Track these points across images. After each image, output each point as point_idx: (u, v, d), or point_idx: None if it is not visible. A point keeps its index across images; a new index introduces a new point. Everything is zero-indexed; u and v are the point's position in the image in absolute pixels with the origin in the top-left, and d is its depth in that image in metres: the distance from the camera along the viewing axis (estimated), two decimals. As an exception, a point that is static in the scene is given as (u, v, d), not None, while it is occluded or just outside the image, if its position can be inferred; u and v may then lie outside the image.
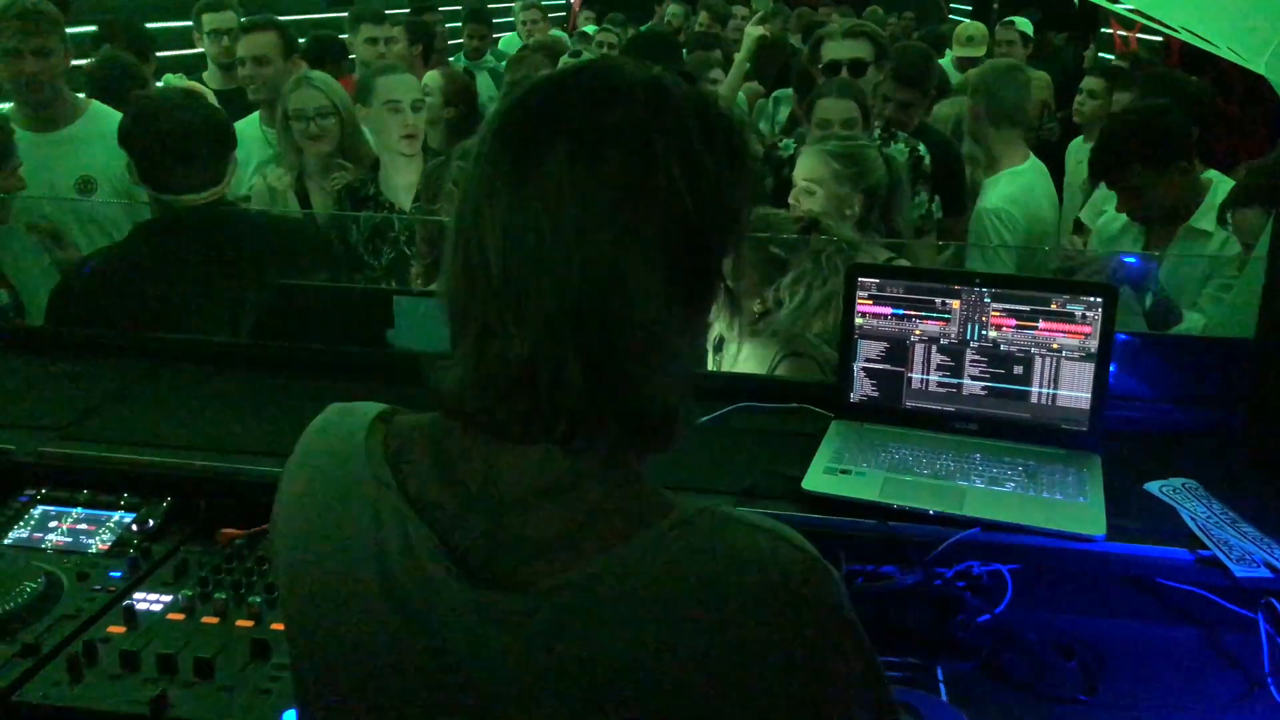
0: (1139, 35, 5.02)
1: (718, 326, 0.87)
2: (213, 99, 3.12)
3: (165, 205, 2.36)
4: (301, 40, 4.20)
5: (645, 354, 0.75)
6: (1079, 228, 3.77)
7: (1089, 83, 4.71)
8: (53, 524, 1.63)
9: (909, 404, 1.77)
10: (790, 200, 2.70)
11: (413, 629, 0.78)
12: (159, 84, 4.17)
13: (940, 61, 4.99)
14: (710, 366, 2.12)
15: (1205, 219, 2.79)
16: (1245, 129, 4.26)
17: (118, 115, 3.13)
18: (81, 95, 3.37)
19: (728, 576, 0.73)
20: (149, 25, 4.85)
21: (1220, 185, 2.83)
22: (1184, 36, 1.64)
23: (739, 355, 2.18)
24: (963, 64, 5.73)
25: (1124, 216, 2.96)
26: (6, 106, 3.25)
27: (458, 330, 0.79)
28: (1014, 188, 3.47)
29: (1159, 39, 5.53)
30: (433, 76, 4.14)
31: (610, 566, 0.74)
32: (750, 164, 0.83)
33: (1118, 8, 1.74)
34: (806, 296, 2.07)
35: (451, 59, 6.20)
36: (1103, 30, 6.86)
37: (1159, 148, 2.76)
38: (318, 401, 0.97)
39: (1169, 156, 2.76)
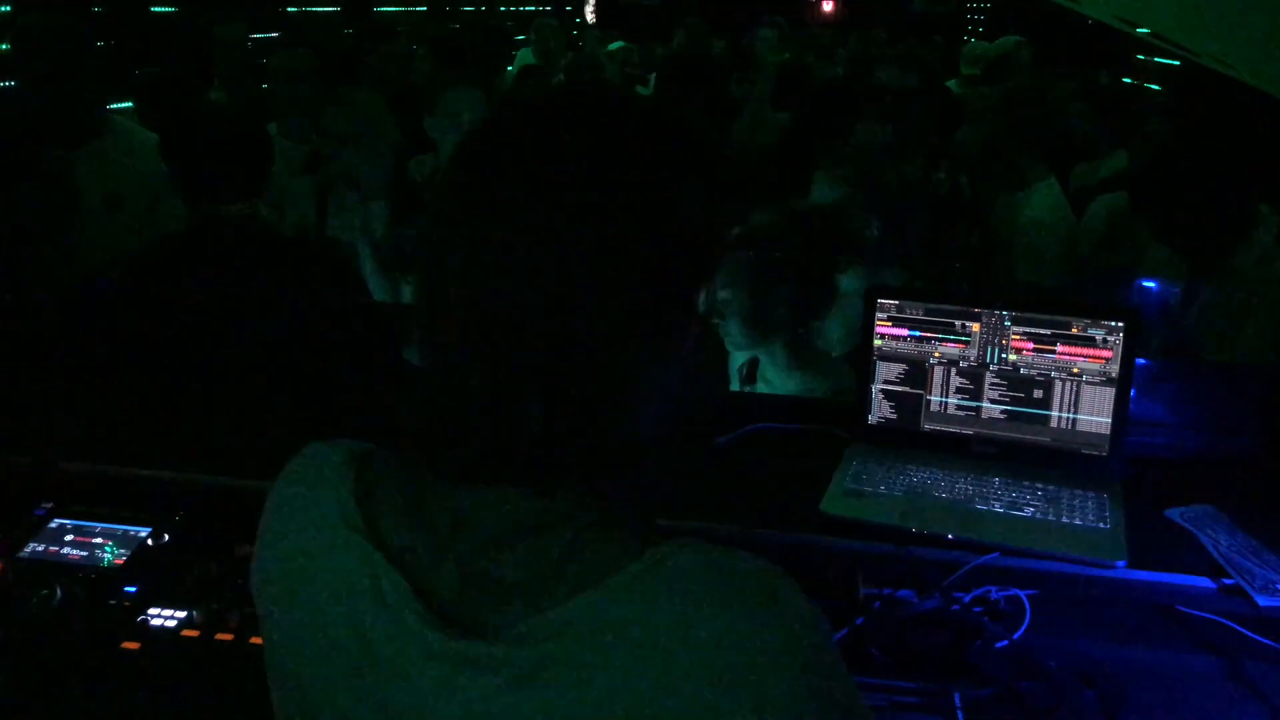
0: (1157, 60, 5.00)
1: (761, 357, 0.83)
2: None
3: (205, 214, 2.40)
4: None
5: (609, 388, 0.73)
6: None
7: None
8: (69, 538, 1.63)
9: (928, 427, 1.76)
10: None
11: (385, 677, 0.76)
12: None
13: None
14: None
15: (1249, 255, 2.74)
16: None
17: (143, 131, 3.15)
18: (108, 109, 3.40)
19: (701, 610, 0.70)
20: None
21: (1267, 219, 2.78)
22: (1206, 61, 1.63)
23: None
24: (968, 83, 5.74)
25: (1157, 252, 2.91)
26: None
27: (423, 361, 0.77)
28: (1051, 198, 3.52)
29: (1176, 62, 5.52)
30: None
31: (582, 611, 0.71)
32: (724, 191, 0.79)
33: (1138, 31, 1.73)
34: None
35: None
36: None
37: (1210, 180, 2.70)
38: (335, 417, 0.97)
39: (1217, 190, 2.71)
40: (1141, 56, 6.62)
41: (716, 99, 3.96)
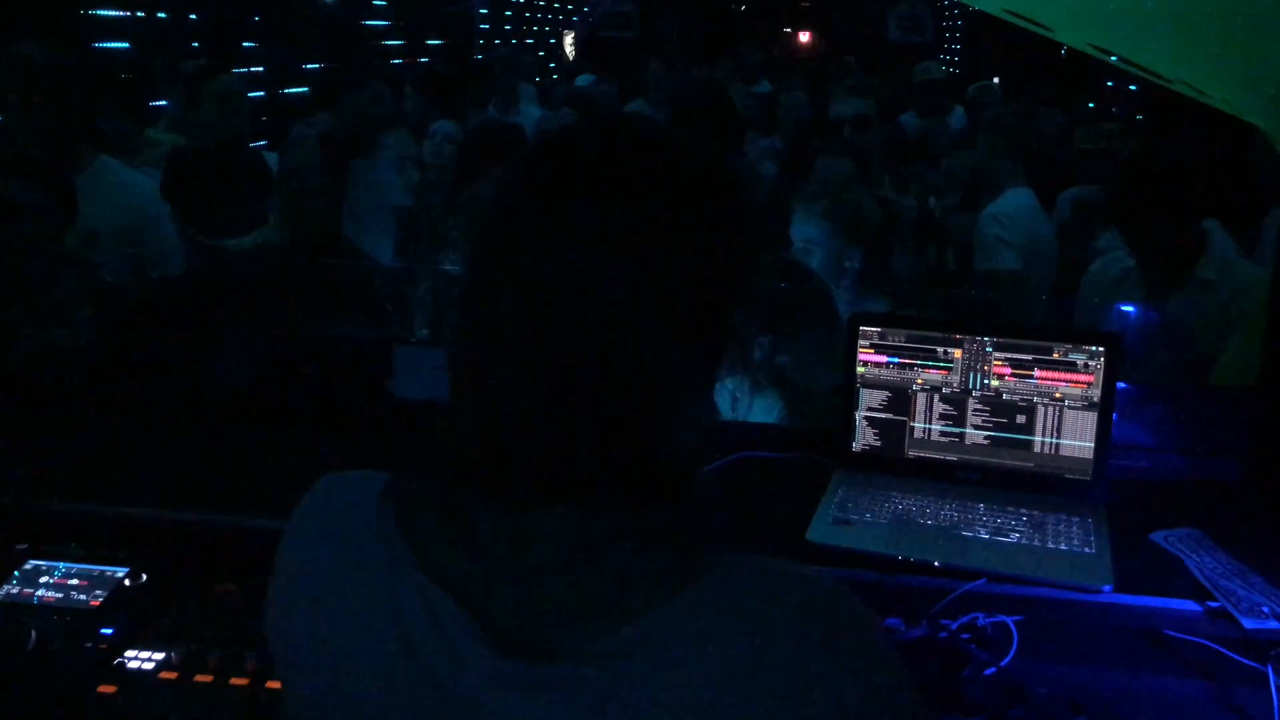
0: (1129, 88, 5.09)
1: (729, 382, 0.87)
2: None
3: (210, 250, 2.42)
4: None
5: (659, 410, 0.75)
6: None
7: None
8: (44, 579, 1.60)
9: (912, 453, 1.76)
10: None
11: (445, 706, 0.75)
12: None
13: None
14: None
15: (1211, 268, 2.80)
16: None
17: (130, 171, 3.14)
18: (88, 147, 3.39)
19: (774, 622, 0.71)
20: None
21: (1217, 235, 2.83)
22: (1178, 88, 1.65)
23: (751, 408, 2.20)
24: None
25: (1121, 262, 2.97)
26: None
27: (466, 385, 0.77)
28: (1018, 200, 3.60)
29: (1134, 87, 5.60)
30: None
31: (656, 627, 0.71)
32: (757, 219, 0.83)
33: (1111, 59, 1.76)
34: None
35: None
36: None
37: (1183, 195, 2.76)
38: (314, 454, 0.96)
39: (1191, 204, 2.76)
40: (1110, 83, 6.71)
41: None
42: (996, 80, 6.94)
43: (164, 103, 4.93)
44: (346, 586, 0.81)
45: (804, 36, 16.16)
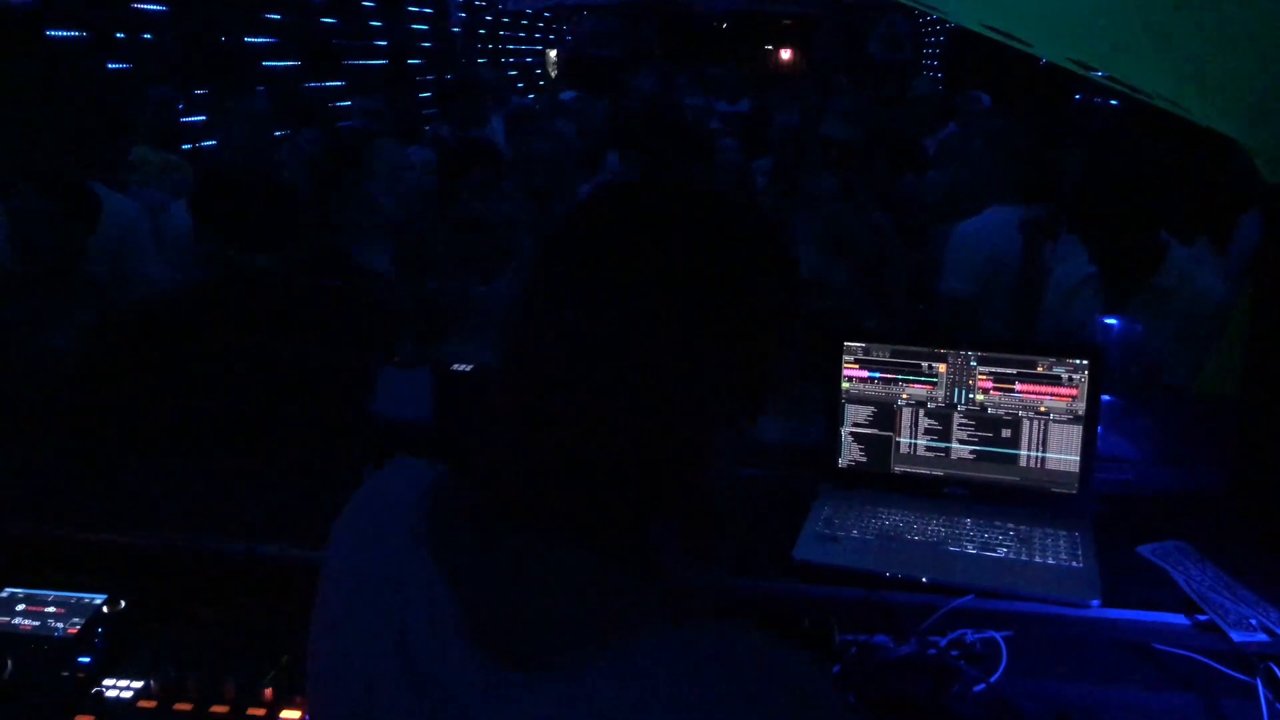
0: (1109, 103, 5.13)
1: None
2: None
3: (232, 266, 2.45)
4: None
5: (699, 454, 0.78)
6: None
7: None
8: (20, 607, 1.57)
9: (898, 469, 1.76)
10: None
11: (433, 706, 0.77)
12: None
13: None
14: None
15: (1170, 277, 2.81)
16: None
17: (112, 195, 3.15)
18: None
19: (727, 698, 0.69)
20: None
21: (1173, 244, 2.85)
22: (1158, 102, 1.66)
23: None
24: None
25: (1081, 270, 2.97)
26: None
27: (504, 410, 0.80)
28: (992, 219, 3.61)
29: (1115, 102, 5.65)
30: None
31: (613, 665, 0.71)
32: (798, 274, 0.84)
33: (1090, 74, 1.77)
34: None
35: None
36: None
37: (1147, 203, 2.77)
38: (292, 476, 0.95)
39: (1153, 213, 2.78)
40: (1079, 96, 6.78)
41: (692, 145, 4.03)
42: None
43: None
44: (371, 575, 0.84)
45: (785, 54, 16.27)
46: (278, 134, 5.00)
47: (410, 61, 9.65)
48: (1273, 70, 1.48)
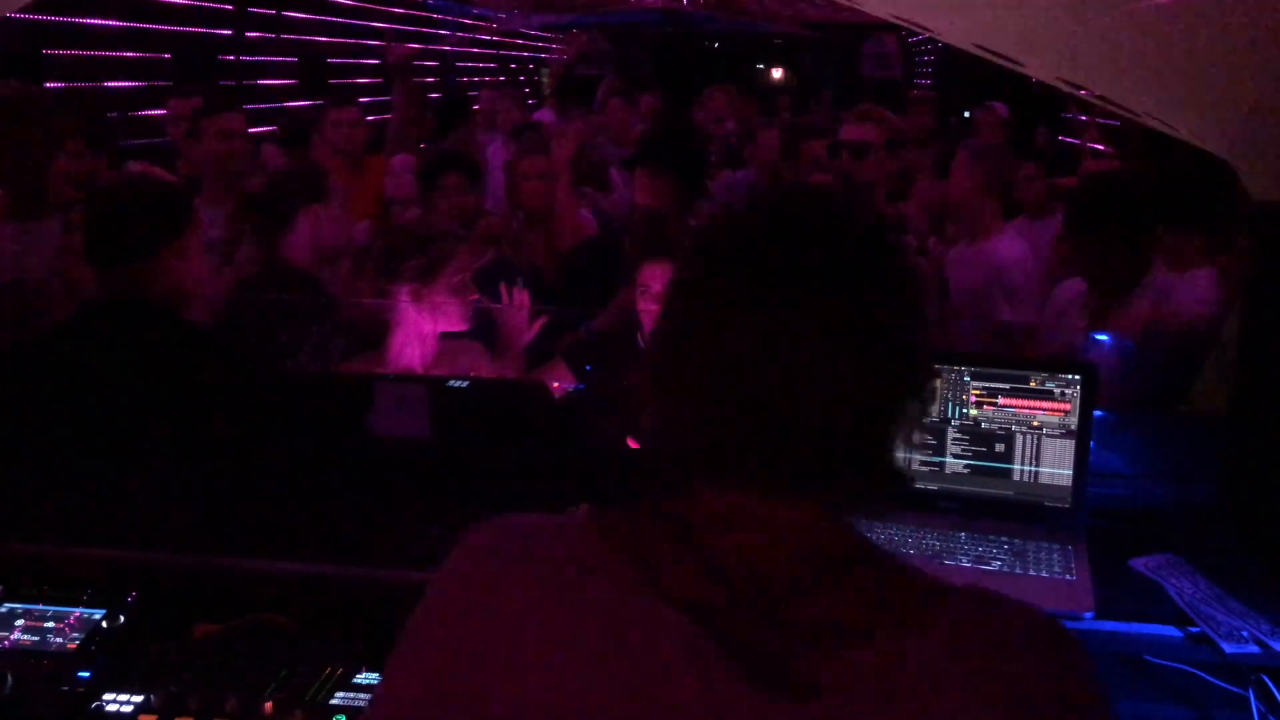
0: (1098, 120, 5.14)
1: None
2: None
3: (105, 284, 2.31)
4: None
5: (878, 441, 0.84)
6: None
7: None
8: (18, 622, 1.57)
9: (892, 483, 1.77)
10: None
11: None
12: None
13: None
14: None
15: (1152, 290, 2.82)
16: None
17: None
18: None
19: (1007, 638, 0.77)
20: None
21: (1160, 263, 2.86)
22: (1148, 122, 1.69)
23: None
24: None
25: (1078, 285, 2.98)
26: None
27: (705, 403, 0.82)
28: (1023, 241, 3.64)
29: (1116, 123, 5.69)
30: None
31: (908, 652, 0.74)
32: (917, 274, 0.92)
33: (1080, 93, 1.79)
34: None
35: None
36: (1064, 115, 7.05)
37: (1139, 212, 2.78)
38: (290, 491, 0.95)
39: (1145, 223, 2.78)
40: (1067, 115, 6.83)
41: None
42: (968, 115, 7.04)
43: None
44: (569, 626, 0.79)
45: (776, 73, 16.36)
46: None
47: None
48: (1259, 89, 1.50)
